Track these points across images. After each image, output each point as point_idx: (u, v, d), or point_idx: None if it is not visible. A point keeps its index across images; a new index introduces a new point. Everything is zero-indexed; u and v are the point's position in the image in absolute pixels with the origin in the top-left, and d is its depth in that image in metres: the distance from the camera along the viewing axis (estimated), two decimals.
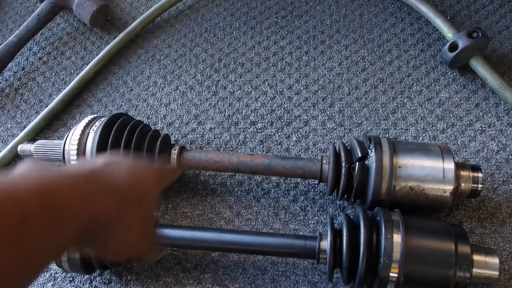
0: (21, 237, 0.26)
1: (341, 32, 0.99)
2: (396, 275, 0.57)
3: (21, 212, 0.27)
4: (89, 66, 0.98)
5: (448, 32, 0.91)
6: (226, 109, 0.91)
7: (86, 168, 0.39)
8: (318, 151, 0.85)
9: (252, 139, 0.87)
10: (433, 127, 0.85)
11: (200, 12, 1.07)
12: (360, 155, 0.67)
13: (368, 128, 0.86)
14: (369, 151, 0.67)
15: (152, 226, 0.43)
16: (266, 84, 0.94)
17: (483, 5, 0.99)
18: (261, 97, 0.92)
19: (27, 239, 0.27)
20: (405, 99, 0.89)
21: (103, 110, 0.95)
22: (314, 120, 0.88)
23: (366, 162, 0.67)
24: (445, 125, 0.85)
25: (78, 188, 0.33)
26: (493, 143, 0.82)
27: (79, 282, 0.74)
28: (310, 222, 0.77)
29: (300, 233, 0.76)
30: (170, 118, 0.92)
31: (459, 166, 0.68)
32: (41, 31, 1.06)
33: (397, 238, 0.58)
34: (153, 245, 0.43)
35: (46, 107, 0.94)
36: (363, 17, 1.01)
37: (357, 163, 0.67)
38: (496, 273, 0.59)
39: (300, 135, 0.86)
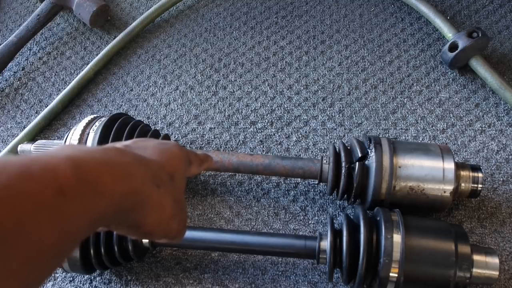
0: (59, 208, 0.26)
1: (341, 32, 0.99)
2: (396, 275, 0.57)
3: (56, 180, 0.26)
4: (89, 66, 0.98)
5: (448, 32, 0.91)
6: (226, 109, 0.91)
7: (116, 144, 0.40)
8: (318, 151, 0.85)
9: (252, 139, 0.87)
10: (433, 127, 0.85)
11: (200, 12, 1.07)
12: (360, 155, 0.67)
13: (368, 128, 0.86)
14: (369, 151, 0.67)
15: (184, 205, 0.42)
16: (266, 84, 0.94)
17: (483, 5, 0.99)
18: (261, 97, 0.92)
19: (65, 211, 0.26)
20: (405, 99, 0.89)
21: (103, 110, 0.95)
22: (314, 120, 0.88)
23: (366, 162, 0.67)
24: (445, 125, 0.85)
25: (111, 158, 0.32)
26: (493, 143, 0.82)
27: (79, 282, 0.74)
28: (310, 222, 0.77)
29: (300, 233, 0.76)
30: (170, 118, 0.92)
31: (459, 166, 0.68)
32: (41, 31, 1.06)
33: (397, 238, 0.58)
34: (184, 225, 0.42)
35: (46, 107, 0.94)
36: (363, 17, 1.01)
37: (357, 163, 0.67)
38: (496, 273, 0.59)
39: (300, 135, 0.86)
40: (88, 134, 0.72)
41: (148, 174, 0.35)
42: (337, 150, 0.72)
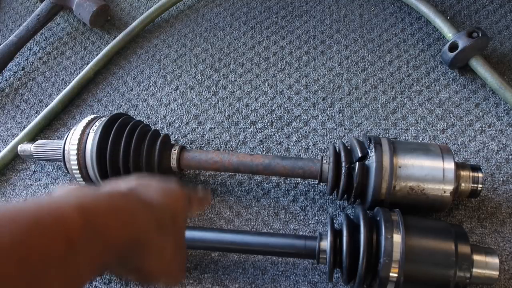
0: (68, 257, 0.26)
1: (341, 32, 0.99)
2: (396, 275, 0.57)
3: (66, 232, 0.27)
4: (89, 66, 0.98)
5: (448, 32, 0.91)
6: (226, 109, 0.91)
7: (121, 187, 0.40)
8: (318, 151, 0.85)
9: (252, 139, 0.87)
10: (433, 127, 0.85)
11: (200, 12, 1.07)
12: (360, 155, 0.67)
13: (368, 128, 0.86)
14: (369, 151, 0.67)
15: (184, 250, 0.43)
16: (266, 84, 0.94)
17: (483, 5, 0.99)
18: (261, 97, 0.92)
19: (73, 260, 0.26)
20: (405, 99, 0.89)
21: (103, 110, 0.95)
22: (314, 120, 0.88)
23: (366, 162, 0.67)
24: (445, 125, 0.85)
25: (117, 204, 0.33)
26: (493, 143, 0.82)
27: None
28: (310, 222, 0.77)
29: (300, 233, 0.76)
30: (170, 118, 0.92)
31: (459, 166, 0.68)
32: (41, 31, 1.06)
33: (397, 238, 0.58)
34: (183, 269, 0.42)
35: (46, 107, 0.94)
36: (363, 17, 1.01)
37: (357, 163, 0.67)
38: (496, 273, 0.59)
39: (300, 135, 0.86)
40: (88, 134, 0.73)
41: (152, 219, 0.36)
42: (337, 150, 0.72)
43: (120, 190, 0.37)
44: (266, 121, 0.89)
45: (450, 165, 0.65)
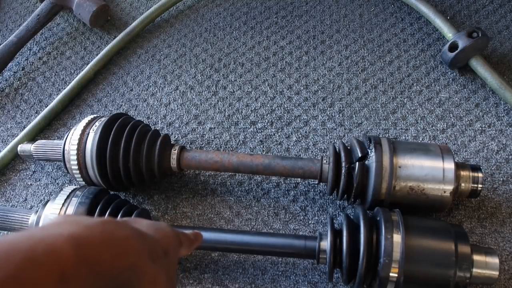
0: None
1: (341, 32, 0.99)
2: (396, 275, 0.57)
3: (59, 265, 0.27)
4: (89, 66, 0.98)
5: (448, 32, 0.91)
6: (226, 109, 0.91)
7: (114, 219, 0.41)
8: (318, 151, 0.85)
9: (252, 139, 0.87)
10: (433, 127, 0.85)
11: (200, 12, 1.07)
12: (360, 155, 0.67)
13: (368, 128, 0.86)
14: (369, 151, 0.67)
15: (175, 285, 0.43)
16: (266, 84, 0.94)
17: (483, 5, 0.99)
18: (261, 97, 0.92)
19: None
20: (405, 99, 0.89)
21: (103, 110, 0.95)
22: (314, 120, 0.88)
23: (366, 162, 0.67)
24: (445, 125, 0.85)
25: (110, 232, 0.33)
26: (493, 143, 0.82)
27: None
28: (310, 222, 0.77)
29: (300, 233, 0.76)
30: (170, 118, 0.92)
31: (459, 166, 0.68)
32: (41, 31, 1.06)
33: (397, 238, 0.58)
34: None
35: (46, 107, 0.94)
36: (363, 17, 1.01)
37: (357, 163, 0.67)
38: (496, 273, 0.59)
39: (300, 135, 0.86)
40: (88, 134, 0.73)
41: (145, 248, 0.36)
42: (337, 150, 0.72)
43: (113, 219, 0.38)
44: (266, 121, 0.89)
45: (450, 165, 0.65)
